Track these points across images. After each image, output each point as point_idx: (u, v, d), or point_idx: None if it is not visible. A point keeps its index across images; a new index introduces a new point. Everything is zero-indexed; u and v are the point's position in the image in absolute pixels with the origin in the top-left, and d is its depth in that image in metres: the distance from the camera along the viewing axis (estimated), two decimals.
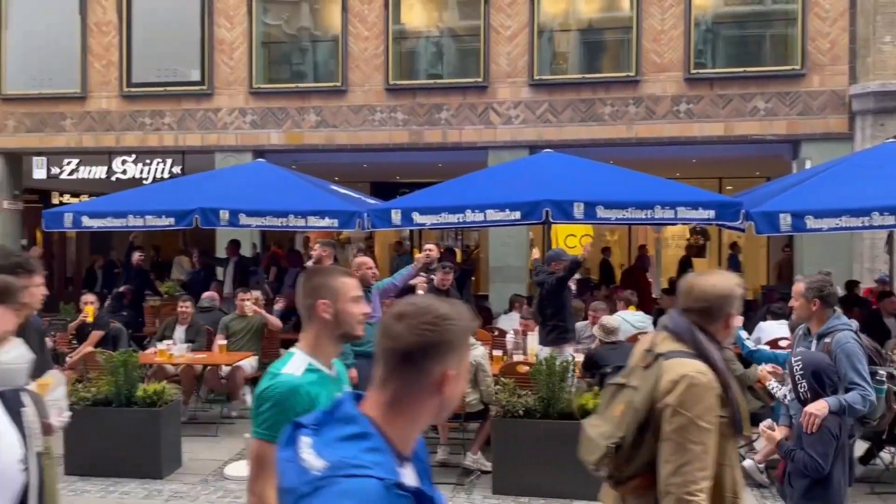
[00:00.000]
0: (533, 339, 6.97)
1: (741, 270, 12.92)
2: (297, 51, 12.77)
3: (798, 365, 3.83)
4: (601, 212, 7.44)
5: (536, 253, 8.26)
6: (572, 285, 8.13)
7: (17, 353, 1.66)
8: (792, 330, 5.30)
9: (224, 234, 11.61)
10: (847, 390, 3.78)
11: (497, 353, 7.16)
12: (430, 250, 7.79)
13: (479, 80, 11.71)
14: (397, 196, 12.54)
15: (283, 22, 12.70)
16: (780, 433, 3.88)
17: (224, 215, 8.32)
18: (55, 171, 13.06)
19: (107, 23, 12.69)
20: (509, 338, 7.43)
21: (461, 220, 7.88)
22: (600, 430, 2.44)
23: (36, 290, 3.17)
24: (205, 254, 11.53)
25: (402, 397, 1.41)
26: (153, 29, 12.65)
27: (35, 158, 13.07)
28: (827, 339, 3.89)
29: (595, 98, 11.41)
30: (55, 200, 15.68)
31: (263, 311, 8.42)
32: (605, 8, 11.96)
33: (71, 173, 13.00)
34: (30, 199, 14.61)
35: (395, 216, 8.06)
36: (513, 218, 7.66)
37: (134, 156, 12.75)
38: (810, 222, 6.84)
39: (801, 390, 3.76)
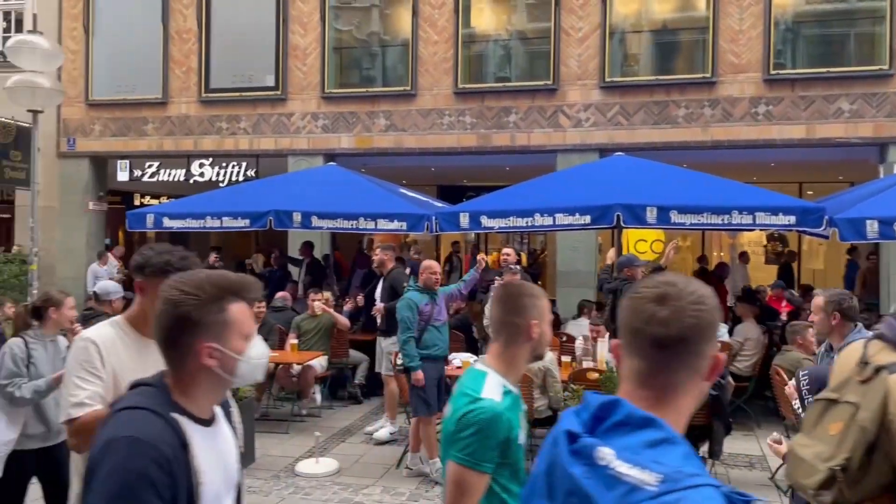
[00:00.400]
0: (603, 345, 6.84)
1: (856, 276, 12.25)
2: (368, 55, 12.95)
3: (805, 380, 3.73)
4: (675, 216, 7.23)
5: (612, 255, 8.10)
6: None
7: (261, 350, 1.75)
8: (818, 345, 5.05)
9: (295, 236, 11.87)
10: None
11: (566, 359, 7.07)
12: (507, 255, 7.78)
13: (549, 82, 11.61)
14: (464, 199, 12.59)
15: (354, 27, 12.90)
16: (785, 447, 3.73)
17: (297, 217, 8.49)
18: (137, 173, 13.61)
19: (187, 31, 13.16)
20: (578, 344, 7.32)
21: (530, 224, 7.81)
22: (814, 451, 2.23)
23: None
24: (283, 254, 11.82)
25: (677, 388, 1.27)
26: (230, 36, 13.05)
27: (119, 161, 13.64)
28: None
29: (668, 100, 11.15)
30: (136, 202, 16.35)
31: (332, 311, 8.55)
32: (680, 8, 11.68)
33: (152, 176, 13.52)
34: (113, 201, 15.27)
35: (464, 219, 8.06)
36: (583, 222, 7.54)
37: (211, 159, 13.16)
38: None
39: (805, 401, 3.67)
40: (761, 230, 12.23)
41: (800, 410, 4.14)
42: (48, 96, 8.49)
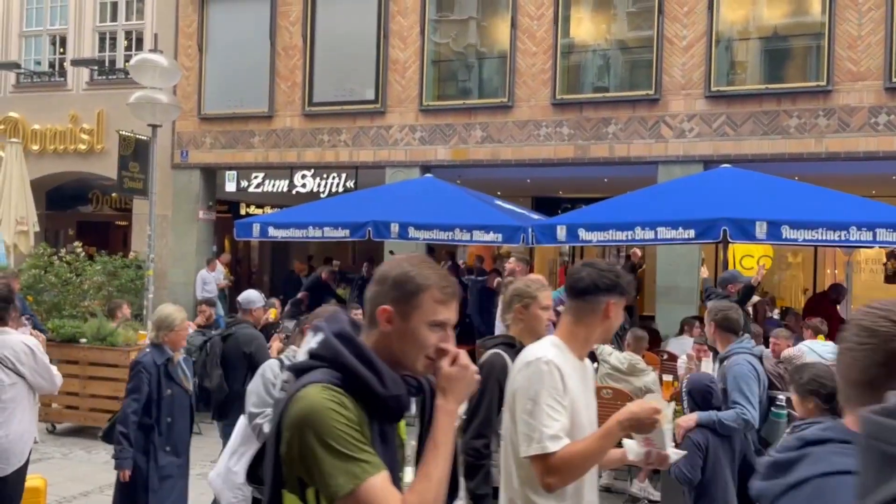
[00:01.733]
0: (707, 365, 6.56)
1: None
2: (465, 67, 13.04)
3: (684, 384, 4.31)
4: (787, 232, 6.89)
5: (706, 272, 7.79)
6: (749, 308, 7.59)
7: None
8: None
9: (391, 247, 12.04)
10: (730, 409, 3.98)
11: (667, 378, 6.83)
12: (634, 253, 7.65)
13: (651, 92, 11.31)
14: (559, 212, 12.43)
15: (451, 40, 13.02)
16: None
17: (394, 228, 8.62)
18: (244, 184, 14.19)
19: (293, 46, 13.66)
20: (681, 363, 7.05)
21: (630, 238, 7.63)
22: None
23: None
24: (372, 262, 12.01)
25: None
26: (333, 51, 13.44)
27: (227, 172, 14.28)
28: (726, 363, 4.14)
29: (779, 109, 10.64)
30: (242, 211, 17.07)
31: None
32: (792, 13, 11.14)
33: (257, 186, 14.07)
34: (221, 210, 16.00)
35: (561, 232, 7.96)
36: (686, 236, 7.30)
37: (312, 170, 13.57)
38: None
39: (685, 407, 4.16)
40: (881, 248, 11.48)
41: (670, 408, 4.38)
42: (166, 111, 8.99)
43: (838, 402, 3.32)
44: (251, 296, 5.70)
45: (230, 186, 14.31)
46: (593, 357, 6.87)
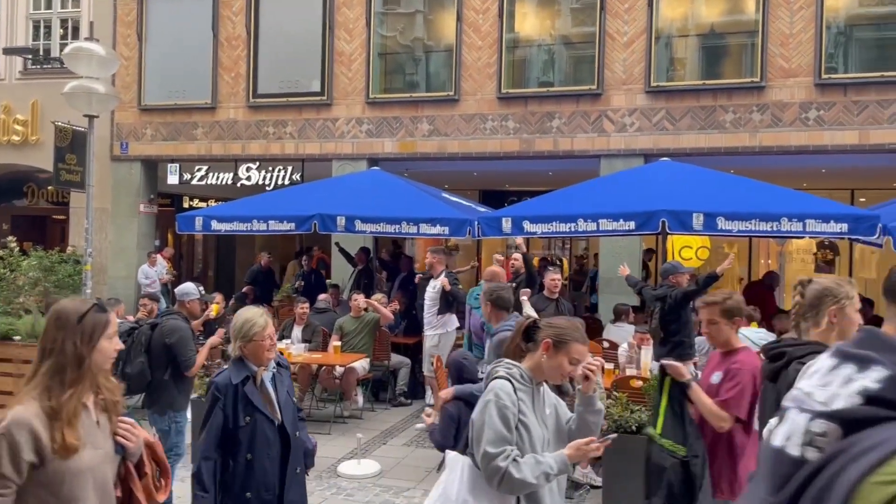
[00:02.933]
0: (647, 353, 6.77)
1: None
2: (412, 61, 13.05)
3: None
4: (722, 223, 7.14)
5: (626, 269, 8.06)
6: None
7: None
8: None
9: (337, 240, 11.98)
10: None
11: (608, 366, 7.01)
12: (516, 259, 7.81)
13: (593, 87, 11.54)
14: (506, 204, 12.60)
15: (398, 33, 13.01)
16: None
17: (341, 221, 8.61)
18: (186, 176, 13.93)
19: (236, 37, 13.44)
20: (622, 351, 7.26)
21: (573, 230, 7.79)
22: None
23: None
24: (342, 250, 11.82)
25: None
26: (278, 42, 13.28)
27: (169, 165, 13.99)
28: (495, 338, 4.48)
29: (716, 105, 10.99)
30: (185, 204, 16.74)
31: (376, 304, 8.61)
32: (728, 11, 11.50)
33: (200, 179, 13.82)
34: (163, 203, 15.66)
35: (506, 224, 8.07)
36: (627, 228, 7.48)
37: (258, 163, 13.41)
38: None
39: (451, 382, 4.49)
40: (811, 238, 11.98)
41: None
42: (103, 101, 8.75)
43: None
44: (187, 288, 5.70)
45: (172, 179, 14.02)
46: None
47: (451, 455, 2.83)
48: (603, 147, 11.46)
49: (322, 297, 9.84)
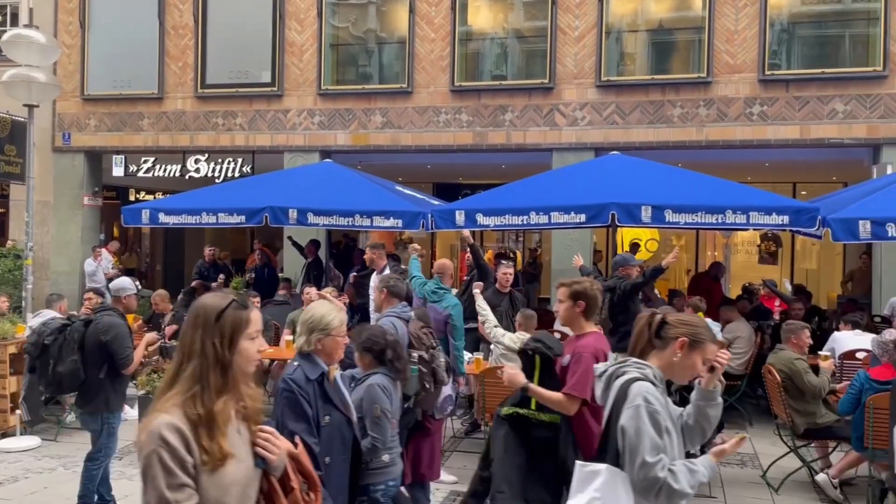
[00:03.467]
0: None
1: None
2: (364, 52, 12.95)
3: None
4: (670, 215, 7.28)
5: (580, 260, 8.17)
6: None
7: None
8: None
9: (289, 233, 11.86)
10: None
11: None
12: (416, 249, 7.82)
13: (545, 81, 11.64)
14: (460, 197, 12.61)
15: (351, 24, 12.90)
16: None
17: (293, 214, 8.51)
18: (132, 168, 13.58)
19: (183, 26, 13.14)
20: None
21: (525, 222, 7.85)
22: None
23: None
24: (295, 243, 11.70)
25: None
26: (227, 32, 13.04)
27: (115, 157, 13.62)
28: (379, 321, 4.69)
29: (664, 100, 11.20)
30: (132, 197, 16.33)
31: (329, 296, 8.50)
32: (676, 8, 11.72)
33: (147, 171, 13.50)
34: (108, 196, 15.25)
35: (459, 217, 8.09)
36: (578, 220, 7.58)
37: (207, 155, 13.15)
38: (892, 230, 6.56)
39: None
40: (755, 230, 12.33)
41: None
42: (44, 91, 8.48)
43: (387, 357, 3.81)
44: (123, 283, 5.50)
45: (118, 171, 13.65)
46: (484, 339, 7.06)
47: (603, 468, 2.54)
48: (555, 140, 11.58)
49: (282, 291, 9.76)
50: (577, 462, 2.63)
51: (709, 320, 8.10)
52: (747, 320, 8.60)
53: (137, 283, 5.73)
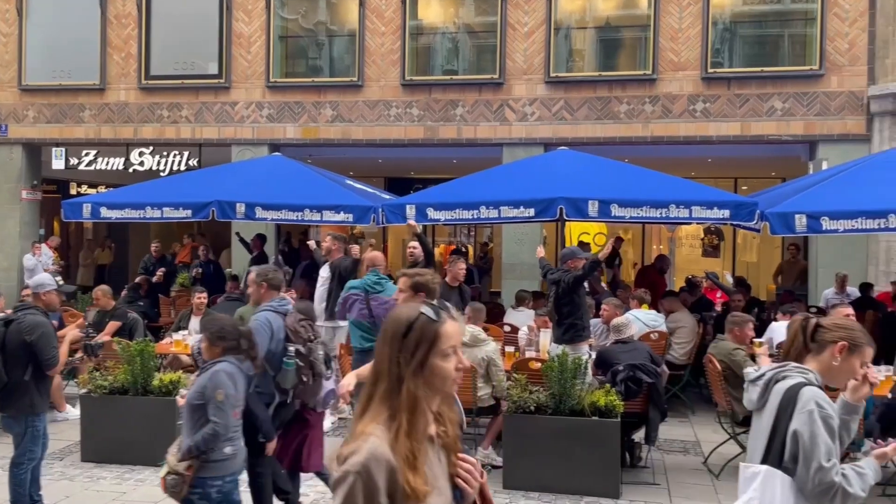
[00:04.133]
0: (546, 335, 6.99)
1: None
2: (314, 45, 12.83)
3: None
4: (616, 210, 7.44)
5: (542, 251, 8.26)
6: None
7: None
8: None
9: (238, 228, 11.70)
10: None
11: (509, 349, 7.20)
12: (413, 248, 7.75)
13: (495, 76, 11.72)
14: (411, 192, 12.63)
15: (301, 16, 12.75)
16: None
17: (240, 208, 8.40)
18: (73, 161, 13.20)
19: (126, 15, 12.80)
20: (522, 334, 7.46)
21: (476, 217, 7.92)
22: None
23: None
24: (242, 240, 11.50)
25: None
26: (172, 22, 12.75)
27: (54, 149, 13.21)
28: (254, 315, 4.67)
29: (611, 96, 11.39)
30: (73, 191, 15.85)
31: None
32: (623, 6, 11.93)
33: (89, 164, 13.13)
34: (48, 190, 14.77)
35: (410, 211, 8.10)
36: (527, 215, 7.69)
37: (151, 148, 12.86)
38: (826, 223, 6.82)
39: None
40: (698, 224, 12.66)
41: None
42: None
43: (241, 346, 3.93)
44: (42, 279, 5.22)
45: (58, 164, 13.25)
46: None
47: (763, 469, 2.51)
48: (505, 136, 11.67)
49: (230, 287, 9.63)
50: (741, 464, 2.65)
51: (652, 312, 8.32)
52: (690, 312, 8.84)
53: (59, 278, 5.48)
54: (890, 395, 5.56)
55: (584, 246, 13.95)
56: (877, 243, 10.53)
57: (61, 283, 5.37)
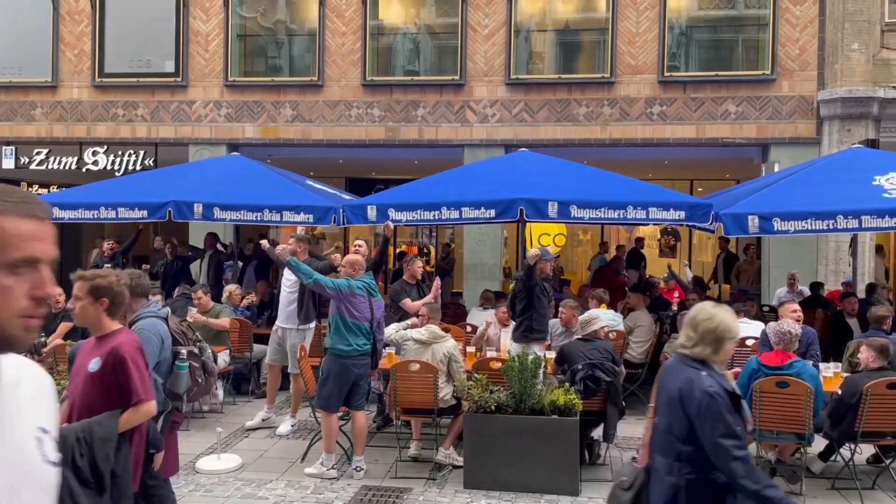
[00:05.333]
0: (507, 334, 7.04)
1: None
2: (273, 44, 12.71)
3: None
4: (575, 211, 7.52)
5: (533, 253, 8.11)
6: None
7: None
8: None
9: (196, 228, 11.53)
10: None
11: (470, 349, 7.23)
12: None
13: (456, 77, 11.76)
14: (373, 192, 12.60)
15: (259, 14, 12.62)
16: None
17: (198, 209, 8.27)
18: (24, 160, 12.85)
19: (79, 11, 12.51)
20: (480, 329, 7.50)
21: (437, 217, 7.92)
22: None
23: None
24: (184, 243, 11.38)
25: None
26: (127, 18, 12.50)
27: (4, 148, 12.84)
28: (135, 325, 4.21)
29: (570, 98, 11.52)
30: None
31: (204, 318, 8.08)
32: (582, 9, 12.08)
33: (40, 164, 12.80)
34: None
35: (371, 212, 8.07)
36: (488, 216, 7.72)
37: (106, 147, 12.59)
38: (778, 224, 6.99)
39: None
40: (654, 224, 12.88)
41: None
42: None
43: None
44: None
45: (8, 163, 12.88)
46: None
47: None
48: (466, 137, 11.72)
49: (179, 289, 9.44)
50: None
51: (611, 311, 8.44)
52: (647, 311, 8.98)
53: None
54: (840, 392, 5.73)
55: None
56: (826, 243, 10.85)
57: None
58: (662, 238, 16.03)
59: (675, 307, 9.89)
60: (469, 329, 8.28)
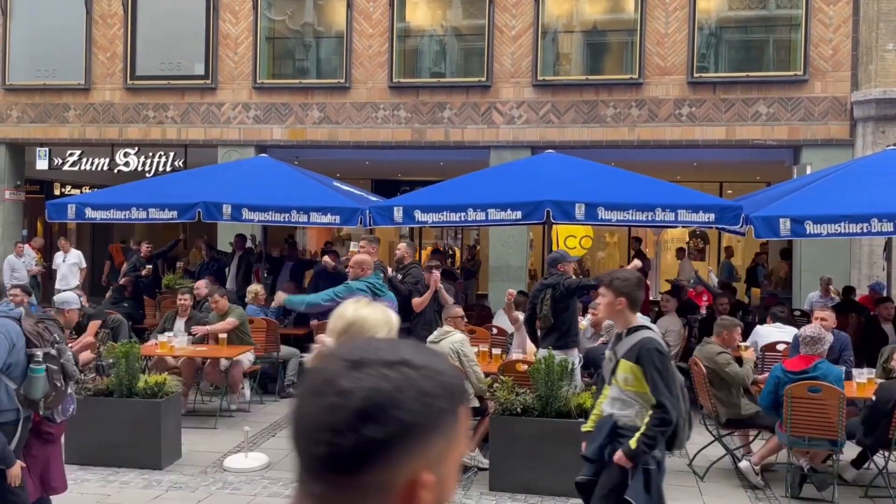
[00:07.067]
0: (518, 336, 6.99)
1: (735, 276, 13.03)
2: (301, 46, 12.80)
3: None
4: (602, 213, 7.47)
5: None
6: None
7: None
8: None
9: (225, 229, 11.65)
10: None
11: (496, 351, 7.20)
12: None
13: (483, 79, 11.74)
14: (398, 194, 12.63)
15: (288, 17, 12.73)
16: None
17: (227, 210, 8.36)
18: (57, 162, 13.09)
19: (112, 15, 12.72)
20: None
21: (463, 219, 7.92)
22: None
23: None
24: (210, 248, 11.53)
25: None
26: (158, 22, 12.68)
27: (38, 149, 13.09)
28: None
29: (598, 100, 11.44)
30: (57, 191, 15.72)
31: (204, 329, 8.04)
32: (610, 10, 12.00)
33: (73, 165, 13.02)
34: (31, 190, 14.63)
35: (398, 213, 8.10)
36: (514, 217, 7.70)
37: (137, 148, 12.78)
38: (810, 227, 6.88)
39: None
40: (683, 227, 12.75)
41: None
42: None
43: None
44: (67, 297, 5.27)
45: (41, 164, 13.13)
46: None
47: None
48: (492, 138, 11.70)
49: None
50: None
51: (639, 314, 8.34)
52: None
53: (83, 297, 5.49)
54: (874, 398, 5.62)
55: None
56: (859, 247, 10.64)
57: (84, 305, 5.34)
58: (691, 241, 15.85)
59: (703, 311, 9.78)
60: (495, 331, 8.25)
